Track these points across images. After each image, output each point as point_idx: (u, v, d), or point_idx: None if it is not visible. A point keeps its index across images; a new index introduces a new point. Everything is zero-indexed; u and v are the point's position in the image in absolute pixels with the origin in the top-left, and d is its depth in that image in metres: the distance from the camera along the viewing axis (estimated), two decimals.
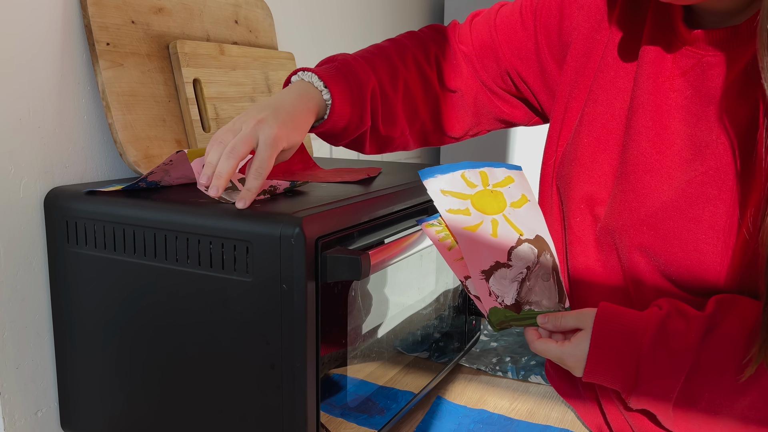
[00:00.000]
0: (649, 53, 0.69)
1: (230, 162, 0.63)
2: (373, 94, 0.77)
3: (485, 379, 0.96)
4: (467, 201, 0.71)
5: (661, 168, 0.67)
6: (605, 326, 0.63)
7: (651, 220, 0.66)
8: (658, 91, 0.68)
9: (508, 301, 0.67)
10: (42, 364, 0.81)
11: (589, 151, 0.73)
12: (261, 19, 1.13)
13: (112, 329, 0.74)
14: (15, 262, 0.77)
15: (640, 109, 0.69)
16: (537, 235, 0.71)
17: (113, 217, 0.71)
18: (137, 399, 0.74)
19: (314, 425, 0.64)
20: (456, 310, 0.99)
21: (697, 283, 0.65)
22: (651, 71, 0.69)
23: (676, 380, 0.61)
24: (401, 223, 0.77)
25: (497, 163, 0.76)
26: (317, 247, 0.61)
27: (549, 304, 0.69)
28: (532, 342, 0.67)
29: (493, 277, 0.67)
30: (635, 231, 0.67)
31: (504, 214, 0.71)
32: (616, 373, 0.63)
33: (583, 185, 0.73)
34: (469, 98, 0.87)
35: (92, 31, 0.81)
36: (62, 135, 0.82)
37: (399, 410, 0.81)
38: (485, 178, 0.73)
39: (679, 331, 0.61)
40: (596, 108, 0.73)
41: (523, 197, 0.74)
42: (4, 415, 0.77)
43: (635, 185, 0.68)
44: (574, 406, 0.83)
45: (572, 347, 0.65)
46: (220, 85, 0.97)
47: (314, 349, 0.63)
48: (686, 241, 0.64)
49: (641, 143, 0.68)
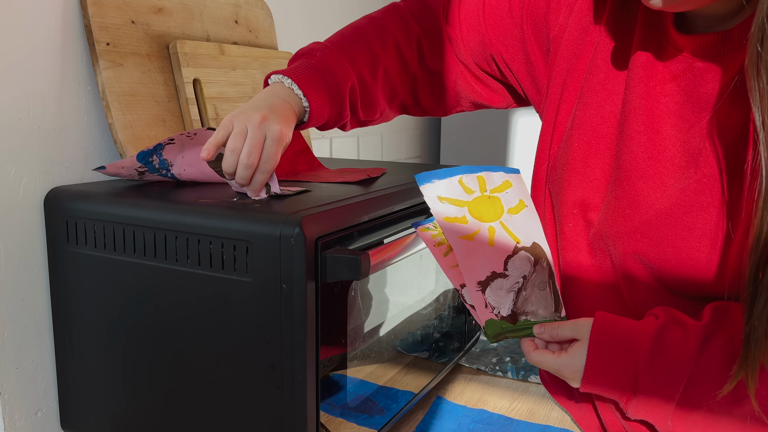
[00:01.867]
0: (639, 57, 0.68)
1: (249, 172, 0.69)
2: (352, 90, 0.79)
3: (485, 379, 0.96)
4: (464, 208, 0.71)
5: (654, 174, 0.66)
6: (602, 336, 0.63)
7: (645, 227, 0.66)
8: (650, 96, 0.67)
9: (504, 312, 0.67)
10: (42, 364, 0.81)
11: (580, 155, 0.72)
12: (261, 19, 1.13)
13: (112, 329, 0.74)
14: (15, 262, 0.77)
15: (632, 113, 0.68)
16: (534, 242, 0.71)
17: (113, 217, 0.71)
18: (137, 399, 0.74)
19: (314, 425, 0.64)
20: (456, 310, 0.99)
21: (691, 289, 0.65)
22: (642, 75, 0.68)
23: (675, 390, 0.61)
24: (401, 223, 0.77)
25: (495, 167, 0.76)
26: (317, 247, 0.61)
27: (545, 313, 0.69)
28: (529, 353, 0.67)
29: (489, 288, 0.67)
30: (629, 238, 0.67)
31: (501, 221, 0.71)
32: (613, 384, 0.63)
33: (576, 190, 0.72)
34: (450, 81, 0.87)
35: (92, 31, 0.81)
36: (62, 135, 0.82)
37: (399, 410, 0.81)
38: (483, 184, 0.73)
39: (677, 341, 0.61)
40: (587, 111, 0.73)
41: (521, 203, 0.73)
42: (4, 415, 0.78)
43: (629, 192, 0.68)
44: (570, 412, 0.83)
45: (569, 358, 0.64)
46: (220, 85, 0.97)
47: (314, 349, 0.63)
48: (680, 249, 0.64)
49: (634, 148, 0.68)
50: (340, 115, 0.79)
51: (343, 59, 0.78)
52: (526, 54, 0.82)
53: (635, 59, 0.69)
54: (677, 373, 0.60)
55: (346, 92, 0.78)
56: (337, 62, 0.78)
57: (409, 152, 1.83)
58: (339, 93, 0.77)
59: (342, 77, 0.77)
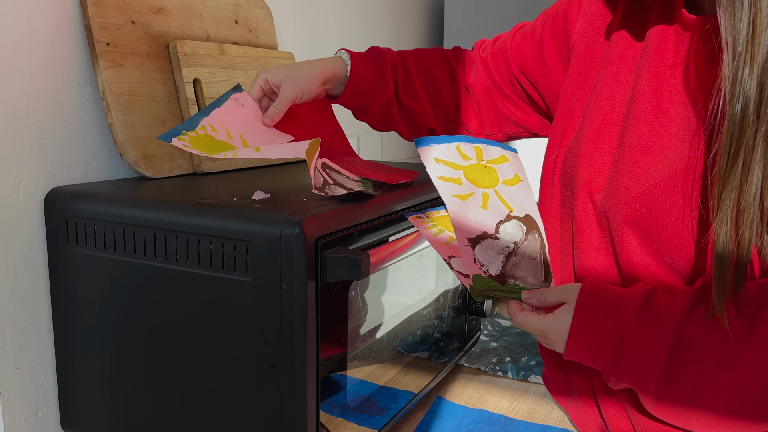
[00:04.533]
0: (651, 44, 0.70)
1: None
2: (394, 65, 0.88)
3: (485, 379, 0.96)
4: (460, 171, 0.71)
5: (658, 149, 0.67)
6: (590, 298, 0.63)
7: (643, 197, 0.66)
8: (660, 79, 0.69)
9: (493, 272, 0.66)
10: (42, 364, 0.81)
11: (589, 142, 0.74)
12: (261, 19, 1.13)
13: (112, 329, 0.74)
14: (15, 262, 0.77)
15: (640, 97, 0.69)
16: (527, 214, 0.71)
17: (113, 217, 0.71)
18: (137, 399, 0.74)
19: (314, 425, 0.64)
20: (456, 310, 0.99)
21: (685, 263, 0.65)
22: (653, 60, 0.69)
23: (660, 353, 0.60)
24: (401, 223, 0.77)
25: (494, 142, 0.76)
26: (317, 247, 0.61)
27: (534, 281, 0.68)
28: (515, 314, 0.67)
29: (479, 246, 0.66)
30: (628, 208, 0.67)
31: (495, 190, 0.71)
32: (599, 347, 0.63)
33: (584, 174, 0.73)
34: (484, 98, 0.94)
35: (92, 31, 0.81)
36: (62, 135, 0.82)
37: (399, 410, 0.81)
38: (480, 153, 0.73)
39: (664, 304, 0.61)
40: (598, 102, 0.74)
41: (516, 177, 0.73)
42: (4, 415, 0.78)
43: (632, 166, 0.68)
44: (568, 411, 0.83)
45: (555, 319, 0.64)
46: (220, 85, 0.97)
47: (314, 349, 0.63)
48: (678, 218, 0.64)
49: (640, 127, 0.69)
50: (384, 84, 0.86)
51: (390, 49, 0.90)
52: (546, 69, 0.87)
53: (647, 46, 0.70)
54: (663, 335, 0.60)
55: (388, 63, 0.87)
56: (384, 48, 0.90)
57: (409, 152, 1.83)
58: (381, 61, 0.87)
59: (385, 52, 0.88)
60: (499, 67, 0.92)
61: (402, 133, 0.95)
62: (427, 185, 0.84)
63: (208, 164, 0.92)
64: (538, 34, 0.87)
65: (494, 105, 0.94)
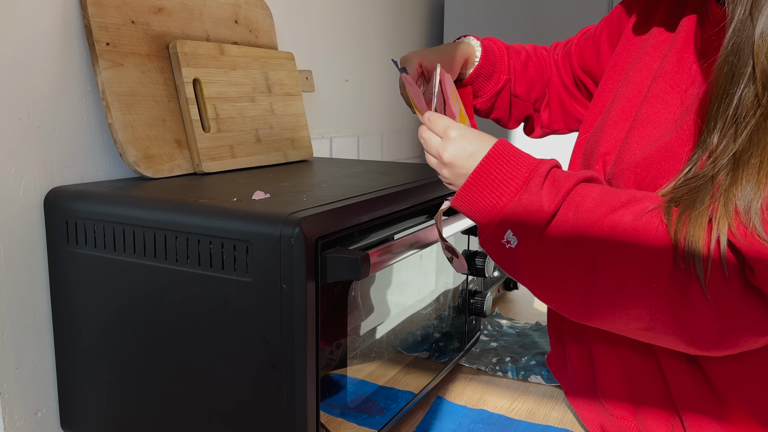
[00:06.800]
0: (681, 32, 0.73)
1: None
2: (510, 52, 0.98)
3: (485, 379, 0.96)
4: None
5: (667, 122, 0.69)
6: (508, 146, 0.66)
7: (646, 162, 0.68)
8: (682, 63, 0.71)
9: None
10: (42, 364, 0.81)
11: (612, 122, 0.77)
12: (261, 19, 1.13)
13: (112, 329, 0.74)
14: (15, 262, 0.77)
15: (661, 78, 0.72)
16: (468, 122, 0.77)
17: (113, 217, 0.71)
18: (137, 399, 0.74)
19: (314, 425, 0.64)
20: (456, 310, 0.99)
21: None
22: (680, 47, 0.72)
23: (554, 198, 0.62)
24: (401, 223, 0.77)
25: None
26: (317, 247, 0.61)
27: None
28: (422, 130, 0.72)
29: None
30: (630, 173, 0.69)
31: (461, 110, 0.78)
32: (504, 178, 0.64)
33: (602, 148, 0.76)
34: (554, 96, 1.02)
35: (92, 31, 0.81)
36: (62, 135, 0.82)
37: (399, 410, 0.81)
38: (455, 96, 0.78)
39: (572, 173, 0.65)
40: (627, 87, 0.78)
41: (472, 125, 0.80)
42: (4, 415, 0.78)
43: (641, 137, 0.71)
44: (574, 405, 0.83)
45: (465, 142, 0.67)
46: (220, 85, 0.97)
47: (314, 349, 0.63)
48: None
49: (655, 105, 0.71)
50: (509, 65, 0.96)
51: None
52: (602, 68, 0.93)
53: (677, 35, 0.74)
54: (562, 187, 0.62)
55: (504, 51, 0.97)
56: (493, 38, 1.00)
57: (409, 152, 1.83)
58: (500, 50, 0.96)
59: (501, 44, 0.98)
60: (566, 69, 1.01)
61: (508, 122, 1.03)
62: (427, 185, 0.85)
63: (208, 164, 0.93)
64: (597, 34, 0.94)
65: (562, 103, 1.01)
